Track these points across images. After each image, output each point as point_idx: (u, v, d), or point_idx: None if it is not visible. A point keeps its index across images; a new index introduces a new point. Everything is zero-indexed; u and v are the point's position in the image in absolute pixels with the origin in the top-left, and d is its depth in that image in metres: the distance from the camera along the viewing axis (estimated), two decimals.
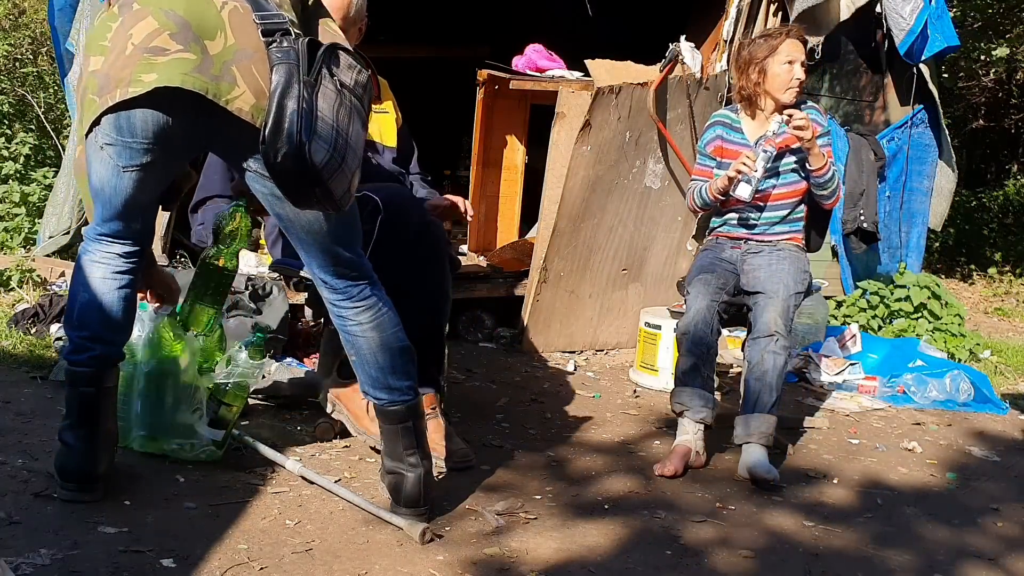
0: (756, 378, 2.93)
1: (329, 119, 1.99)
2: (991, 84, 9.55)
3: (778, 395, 2.93)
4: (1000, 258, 8.32)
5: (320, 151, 1.97)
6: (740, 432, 2.92)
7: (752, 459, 2.85)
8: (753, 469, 2.82)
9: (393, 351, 2.30)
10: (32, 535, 2.06)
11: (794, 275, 3.07)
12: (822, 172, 3.11)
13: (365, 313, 2.27)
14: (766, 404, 2.91)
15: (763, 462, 2.84)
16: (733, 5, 4.58)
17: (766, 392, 2.91)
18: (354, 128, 2.04)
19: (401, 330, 2.33)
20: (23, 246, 4.99)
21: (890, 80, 5.27)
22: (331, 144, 1.98)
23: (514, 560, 2.20)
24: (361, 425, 2.74)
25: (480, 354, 4.21)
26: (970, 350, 4.67)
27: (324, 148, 1.97)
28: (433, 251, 2.80)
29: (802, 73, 3.14)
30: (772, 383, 2.91)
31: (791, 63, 3.12)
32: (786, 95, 3.14)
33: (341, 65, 2.05)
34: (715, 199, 3.18)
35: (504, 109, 4.81)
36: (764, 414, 2.90)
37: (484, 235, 4.93)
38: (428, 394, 2.85)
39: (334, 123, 1.99)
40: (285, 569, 2.06)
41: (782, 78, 3.12)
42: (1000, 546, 2.54)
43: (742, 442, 2.90)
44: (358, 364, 2.32)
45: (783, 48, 3.12)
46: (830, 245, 5.07)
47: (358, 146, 2.05)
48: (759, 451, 2.87)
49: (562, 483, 2.75)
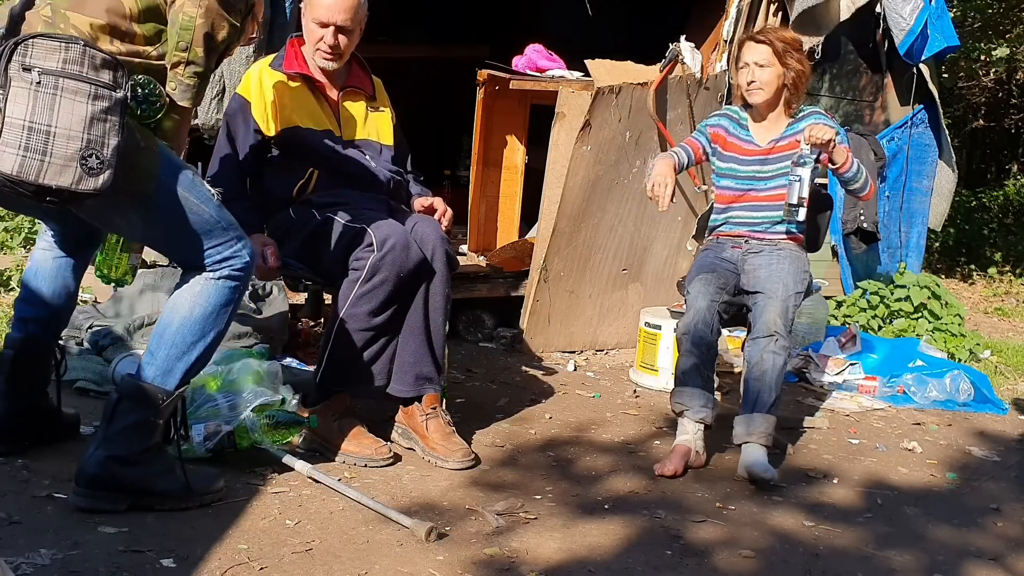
0: (756, 378, 2.93)
1: (20, 119, 1.93)
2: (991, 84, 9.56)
3: (778, 395, 2.93)
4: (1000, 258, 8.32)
5: (8, 158, 1.92)
6: (740, 432, 2.92)
7: (751, 459, 2.85)
8: (751, 468, 2.82)
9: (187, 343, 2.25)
10: (32, 535, 2.07)
11: (794, 275, 3.07)
12: (847, 167, 3.12)
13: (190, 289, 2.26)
14: (766, 404, 2.91)
15: (761, 462, 2.84)
16: (733, 5, 4.58)
17: (766, 392, 2.91)
18: (63, 112, 1.96)
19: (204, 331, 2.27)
20: (23, 246, 4.99)
21: (890, 80, 5.27)
22: (20, 145, 1.92)
23: (514, 560, 2.20)
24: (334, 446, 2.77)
25: (480, 354, 4.21)
26: (970, 350, 4.67)
27: (12, 153, 1.92)
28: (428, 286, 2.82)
29: (757, 74, 3.16)
30: (772, 383, 2.91)
31: (745, 66, 3.19)
32: (749, 96, 3.22)
33: (37, 53, 1.97)
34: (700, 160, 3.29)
35: (504, 109, 4.80)
36: (764, 414, 2.90)
37: (484, 235, 4.92)
38: (429, 393, 2.86)
39: (26, 120, 1.93)
40: (285, 569, 2.06)
41: (741, 83, 3.23)
42: (1001, 546, 2.54)
43: (742, 442, 2.90)
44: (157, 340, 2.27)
45: (742, 54, 3.22)
46: (830, 245, 5.07)
47: (72, 127, 1.96)
48: (759, 451, 2.87)
49: (562, 483, 2.75)
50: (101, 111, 1.99)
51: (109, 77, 2.02)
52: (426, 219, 2.90)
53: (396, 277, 2.69)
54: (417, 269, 2.74)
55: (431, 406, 2.85)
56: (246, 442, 2.61)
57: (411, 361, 2.82)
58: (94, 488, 2.21)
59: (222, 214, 2.24)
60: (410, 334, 2.82)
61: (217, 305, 2.24)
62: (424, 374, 2.84)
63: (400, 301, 2.76)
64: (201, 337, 2.24)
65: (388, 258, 2.67)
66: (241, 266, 2.26)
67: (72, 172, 1.96)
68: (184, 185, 2.17)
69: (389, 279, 2.68)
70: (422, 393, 2.84)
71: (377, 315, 2.71)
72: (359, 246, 2.69)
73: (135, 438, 2.22)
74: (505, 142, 4.88)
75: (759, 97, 3.19)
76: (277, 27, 4.05)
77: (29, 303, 2.55)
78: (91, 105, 1.98)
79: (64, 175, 1.96)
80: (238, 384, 2.68)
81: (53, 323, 2.58)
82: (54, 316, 2.57)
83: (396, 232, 2.70)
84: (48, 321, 2.56)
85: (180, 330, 2.23)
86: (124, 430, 2.21)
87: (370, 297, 2.69)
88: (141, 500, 2.24)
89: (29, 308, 2.55)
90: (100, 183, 1.99)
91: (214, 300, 2.24)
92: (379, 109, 3.09)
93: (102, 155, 1.99)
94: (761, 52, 3.16)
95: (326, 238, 2.78)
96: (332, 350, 2.75)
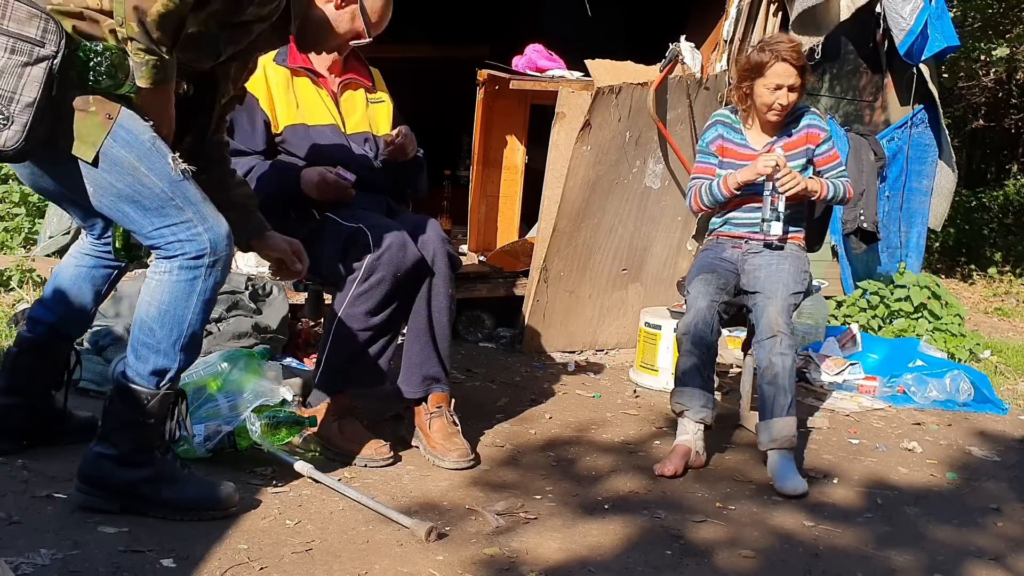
0: (768, 382, 2.92)
1: None
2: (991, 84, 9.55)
3: (792, 395, 2.91)
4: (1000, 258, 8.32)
5: None
6: (764, 439, 2.89)
7: (781, 475, 2.81)
8: (783, 489, 2.78)
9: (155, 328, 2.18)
10: (32, 535, 2.06)
11: (794, 275, 3.07)
12: (823, 196, 3.19)
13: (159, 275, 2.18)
14: (783, 407, 2.89)
15: (792, 478, 2.80)
16: (733, 5, 4.58)
17: (781, 394, 2.90)
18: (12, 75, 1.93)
19: None
20: (23, 246, 4.99)
21: (890, 80, 5.27)
22: None
23: (514, 560, 2.20)
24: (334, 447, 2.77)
25: (480, 354, 4.21)
26: (970, 350, 4.67)
27: None
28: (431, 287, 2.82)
29: (787, 99, 3.15)
30: (785, 384, 2.90)
31: (779, 88, 3.14)
32: (768, 115, 3.20)
33: None
34: (730, 193, 3.19)
35: (504, 109, 4.80)
36: (784, 417, 2.88)
37: (484, 235, 4.92)
38: (436, 393, 2.86)
39: None
40: (285, 569, 2.06)
41: (765, 101, 3.17)
42: (1001, 546, 2.54)
43: (767, 449, 2.88)
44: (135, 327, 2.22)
45: (772, 71, 3.14)
46: (830, 245, 5.07)
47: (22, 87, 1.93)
48: (787, 463, 2.84)
49: (563, 483, 2.75)
50: (15, 65, 1.93)
51: (36, 31, 1.95)
52: (427, 220, 2.90)
53: (393, 277, 2.69)
54: (415, 269, 2.74)
55: (436, 405, 2.86)
56: (246, 442, 2.61)
57: (417, 362, 2.83)
58: (89, 485, 2.21)
59: (179, 191, 2.11)
60: (415, 336, 2.82)
61: (175, 298, 2.13)
62: (431, 374, 2.84)
63: (398, 301, 2.76)
64: (171, 332, 2.14)
65: (385, 258, 2.67)
66: (196, 253, 2.12)
67: (24, 124, 1.93)
68: (138, 156, 2.06)
69: (386, 279, 2.68)
70: (429, 393, 2.85)
71: (375, 315, 2.71)
72: (357, 246, 2.70)
73: (124, 437, 2.19)
74: (505, 142, 4.88)
75: (781, 117, 3.21)
76: None
77: (43, 305, 2.55)
78: (5, 58, 1.93)
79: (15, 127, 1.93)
80: (239, 384, 2.68)
81: (62, 329, 2.55)
82: (62, 322, 2.55)
83: (393, 232, 2.71)
84: (55, 326, 2.54)
85: (143, 328, 2.16)
86: (114, 429, 2.19)
87: (367, 297, 2.69)
88: (136, 505, 2.20)
89: (41, 310, 2.54)
90: (3, 140, 1.94)
91: (171, 294, 2.14)
92: (379, 100, 3.11)
93: (8, 111, 1.93)
94: (793, 75, 3.13)
95: (325, 238, 2.78)
96: (331, 350, 2.75)
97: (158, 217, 2.11)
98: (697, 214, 3.45)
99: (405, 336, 2.88)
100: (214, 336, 3.28)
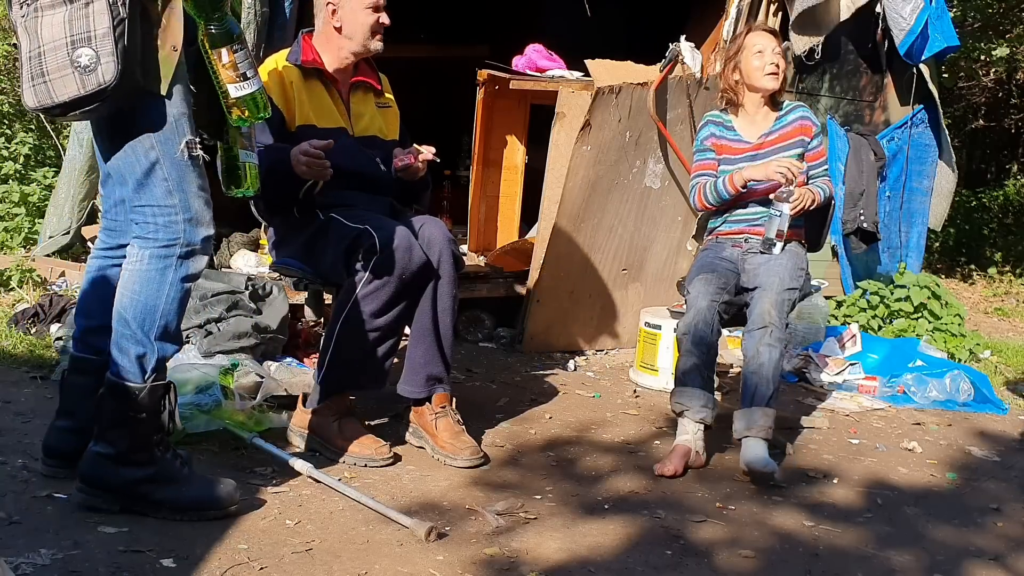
0: (752, 371, 2.93)
1: (25, 54, 1.96)
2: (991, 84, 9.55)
3: (775, 387, 2.92)
4: (1000, 258, 8.32)
5: (27, 94, 1.98)
6: (739, 427, 2.91)
7: (751, 454, 2.85)
8: (752, 464, 2.82)
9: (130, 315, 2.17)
10: (32, 535, 2.07)
11: (791, 271, 3.07)
12: (817, 203, 3.22)
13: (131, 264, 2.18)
14: (764, 397, 2.90)
15: (762, 456, 2.84)
16: (733, 5, 4.58)
17: (763, 385, 2.91)
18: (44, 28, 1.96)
19: None
20: (23, 246, 4.99)
21: (890, 80, 5.27)
22: (29, 78, 1.96)
23: (514, 560, 2.20)
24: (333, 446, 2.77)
25: (480, 354, 4.21)
26: (970, 350, 4.67)
27: (28, 88, 1.97)
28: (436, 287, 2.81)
29: (775, 58, 3.24)
30: (769, 376, 2.91)
31: (761, 52, 3.23)
32: (765, 80, 3.25)
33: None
34: (736, 191, 3.20)
35: (504, 109, 4.80)
36: (763, 407, 2.90)
37: (484, 235, 4.93)
38: (439, 393, 2.87)
39: (26, 52, 1.96)
40: (285, 569, 2.06)
41: (756, 66, 3.24)
42: (1001, 546, 2.54)
43: (741, 436, 2.90)
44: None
45: (748, 41, 3.27)
46: (830, 245, 5.07)
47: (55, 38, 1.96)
48: (759, 445, 2.87)
49: (563, 483, 2.75)
50: (79, 7, 1.95)
51: None
52: (433, 220, 2.89)
53: (399, 279, 2.69)
54: (421, 271, 2.74)
55: (441, 405, 2.86)
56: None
57: (421, 362, 2.83)
58: (88, 484, 2.20)
59: (175, 174, 2.11)
60: (420, 336, 2.82)
61: (146, 288, 2.13)
62: (434, 374, 2.85)
63: (403, 302, 2.76)
64: (143, 322, 2.13)
65: (391, 259, 2.66)
66: (167, 241, 2.12)
67: (72, 80, 1.95)
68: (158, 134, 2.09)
69: (392, 280, 2.68)
70: (432, 393, 2.85)
71: (380, 316, 2.71)
72: (362, 247, 2.69)
73: (119, 434, 2.18)
74: (505, 142, 4.88)
75: (777, 82, 3.26)
76: (277, 27, 4.06)
77: (83, 316, 2.42)
78: (68, 8, 1.96)
79: (67, 85, 1.96)
80: None
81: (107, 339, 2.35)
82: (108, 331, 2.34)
83: (399, 234, 2.70)
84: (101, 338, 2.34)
85: (119, 319, 2.15)
86: (108, 427, 2.19)
87: (373, 298, 2.69)
88: (136, 504, 2.20)
89: (83, 320, 2.41)
90: (104, 77, 1.95)
91: (141, 283, 2.13)
92: (386, 105, 3.11)
93: (92, 48, 1.95)
94: (771, 40, 3.26)
95: (329, 238, 2.78)
96: (334, 351, 2.74)
97: (143, 190, 2.13)
98: (701, 212, 3.46)
99: (408, 336, 2.88)
100: (214, 336, 3.28)
